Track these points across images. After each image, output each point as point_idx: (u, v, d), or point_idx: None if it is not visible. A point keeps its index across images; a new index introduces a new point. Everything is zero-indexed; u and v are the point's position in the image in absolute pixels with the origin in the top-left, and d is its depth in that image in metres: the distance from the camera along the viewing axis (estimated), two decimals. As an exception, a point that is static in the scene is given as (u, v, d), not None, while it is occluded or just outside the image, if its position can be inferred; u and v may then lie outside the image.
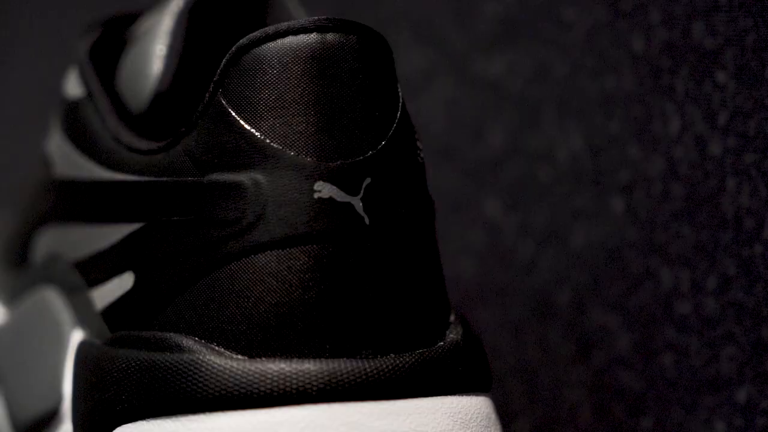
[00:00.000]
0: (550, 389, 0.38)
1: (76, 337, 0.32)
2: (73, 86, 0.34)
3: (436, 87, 0.41)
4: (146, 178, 0.29)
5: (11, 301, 0.37)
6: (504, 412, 0.35)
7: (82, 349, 0.31)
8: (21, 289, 0.37)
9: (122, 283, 0.29)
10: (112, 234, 0.30)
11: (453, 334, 0.28)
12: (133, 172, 0.29)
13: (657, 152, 0.34)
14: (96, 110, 0.32)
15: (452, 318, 0.29)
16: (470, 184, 0.40)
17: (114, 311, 0.30)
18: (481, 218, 0.40)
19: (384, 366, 0.27)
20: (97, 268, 0.31)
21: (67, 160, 0.33)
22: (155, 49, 0.32)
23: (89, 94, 0.32)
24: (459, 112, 0.40)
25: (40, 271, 0.35)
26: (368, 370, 0.27)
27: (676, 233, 0.34)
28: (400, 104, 0.28)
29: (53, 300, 0.33)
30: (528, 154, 0.38)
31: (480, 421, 0.28)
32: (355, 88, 0.27)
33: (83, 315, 0.32)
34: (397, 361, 0.27)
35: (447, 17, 0.40)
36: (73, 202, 0.32)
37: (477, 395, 0.28)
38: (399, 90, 0.29)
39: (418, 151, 0.29)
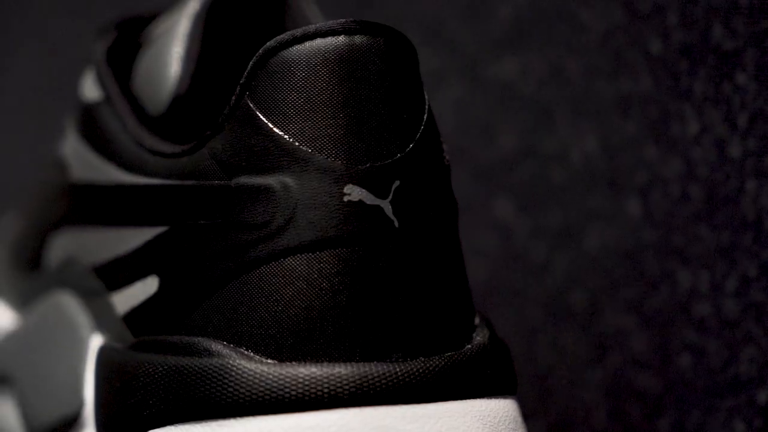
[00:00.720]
0: (563, 391, 0.38)
1: (96, 341, 0.32)
2: (89, 89, 0.33)
3: (448, 88, 0.41)
4: (171, 182, 0.29)
5: (23, 305, 0.37)
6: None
7: (104, 353, 0.30)
8: (33, 293, 0.36)
9: (146, 288, 0.29)
10: (134, 238, 0.30)
11: (479, 337, 0.28)
12: (157, 176, 0.29)
13: (675, 154, 0.34)
14: (115, 113, 0.32)
15: (477, 320, 0.29)
16: (482, 185, 0.40)
17: (137, 315, 0.30)
18: (492, 220, 0.40)
19: (414, 369, 0.27)
20: (118, 272, 0.31)
21: (85, 163, 0.33)
22: (172, 51, 0.32)
23: (107, 97, 0.32)
24: (470, 113, 0.40)
25: (55, 276, 0.35)
26: (399, 373, 0.26)
27: (694, 235, 0.34)
28: (426, 107, 0.28)
29: (69, 304, 0.33)
30: (541, 155, 0.38)
31: (508, 425, 0.28)
32: (382, 90, 0.27)
33: (102, 319, 0.32)
34: (427, 365, 0.27)
35: (458, 19, 0.40)
36: (91, 205, 0.32)
37: (504, 398, 0.28)
38: (425, 92, 0.29)
39: (444, 154, 0.29)
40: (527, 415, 0.39)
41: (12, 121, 0.57)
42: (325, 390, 0.26)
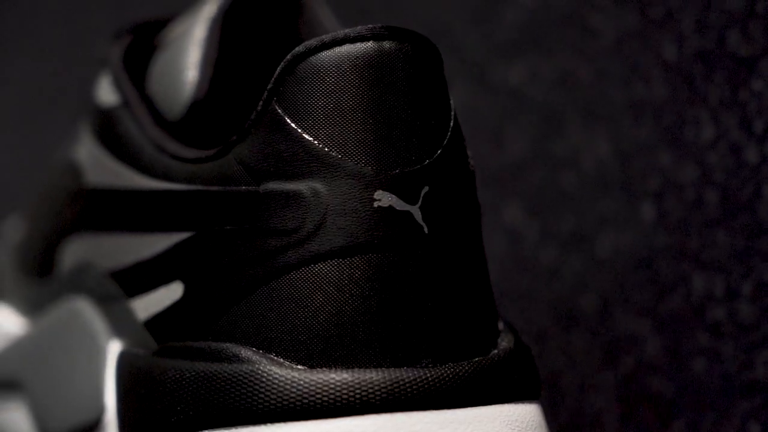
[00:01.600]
0: (574, 395, 0.38)
1: (114, 347, 0.32)
2: (106, 93, 0.33)
3: (455, 93, 0.41)
4: (195, 187, 0.29)
5: (33, 311, 0.37)
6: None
7: (125, 359, 0.30)
8: (44, 299, 0.36)
9: (169, 293, 0.29)
10: (156, 243, 0.30)
11: (505, 342, 0.28)
12: (180, 181, 0.29)
13: (690, 159, 0.34)
14: (133, 118, 0.32)
15: (500, 326, 0.29)
16: (490, 190, 0.40)
17: (160, 321, 0.29)
18: (501, 225, 0.40)
19: (444, 375, 0.27)
20: (137, 278, 0.31)
21: (102, 167, 0.32)
22: (189, 57, 0.32)
23: (125, 102, 0.32)
24: (478, 118, 0.40)
25: (68, 281, 0.34)
26: (430, 379, 0.26)
27: (709, 239, 0.34)
28: (453, 112, 0.28)
29: (85, 310, 0.33)
30: (550, 160, 0.38)
31: (534, 429, 0.28)
32: (411, 96, 0.27)
33: (121, 325, 0.31)
34: (456, 370, 0.27)
35: (466, 23, 0.40)
36: (108, 210, 0.32)
37: (530, 403, 0.28)
38: (450, 98, 0.29)
39: (468, 159, 0.29)
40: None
41: (12, 122, 0.57)
42: (357, 396, 0.26)
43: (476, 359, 0.27)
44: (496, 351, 0.28)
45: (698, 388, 0.34)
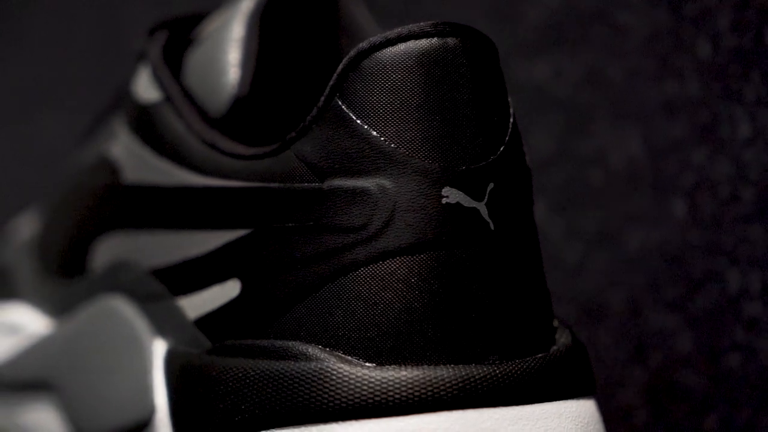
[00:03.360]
0: (602, 390, 0.38)
1: (159, 346, 0.31)
2: (145, 89, 0.33)
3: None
4: (252, 184, 0.29)
5: (60, 312, 0.36)
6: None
7: (176, 358, 0.30)
8: (73, 299, 0.35)
9: (225, 291, 0.29)
10: (208, 241, 0.30)
11: (563, 339, 0.29)
12: (234, 178, 0.29)
13: (724, 156, 0.34)
14: (177, 114, 0.31)
15: (555, 322, 0.29)
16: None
17: (215, 320, 0.29)
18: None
19: (511, 371, 0.27)
20: (186, 276, 0.30)
21: (143, 165, 0.32)
22: (230, 56, 0.32)
23: (167, 98, 0.32)
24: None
25: (101, 280, 0.34)
26: (498, 375, 0.26)
27: (744, 236, 0.34)
28: (512, 109, 0.28)
29: (123, 309, 0.33)
30: (576, 158, 0.38)
31: (595, 425, 0.28)
32: (475, 92, 0.27)
33: (166, 324, 0.31)
34: (522, 366, 0.27)
35: (488, 20, 0.40)
36: (151, 207, 0.32)
37: (588, 399, 0.28)
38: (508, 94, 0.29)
39: (525, 156, 0.29)
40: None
41: (14, 122, 0.57)
42: (429, 393, 0.26)
43: (539, 356, 0.27)
44: (555, 347, 0.28)
45: (732, 383, 0.35)
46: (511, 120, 0.28)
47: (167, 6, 0.54)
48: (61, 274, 0.37)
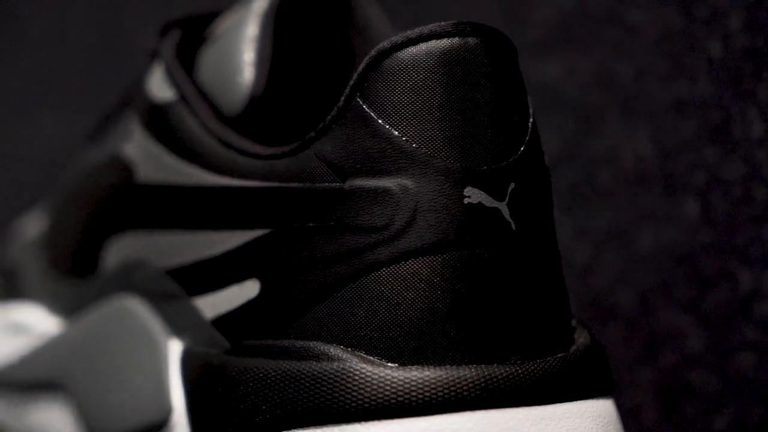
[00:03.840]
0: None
1: (175, 346, 0.31)
2: (159, 88, 0.33)
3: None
4: (271, 184, 0.28)
5: (71, 311, 0.36)
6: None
7: (193, 358, 0.30)
8: (84, 299, 0.35)
9: (243, 291, 0.29)
10: (225, 241, 0.30)
11: (582, 339, 0.29)
12: (252, 178, 0.29)
13: (737, 156, 0.35)
14: (192, 113, 0.31)
15: (573, 321, 0.29)
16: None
17: (233, 320, 0.29)
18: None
19: (532, 371, 0.27)
20: (203, 276, 0.30)
21: (158, 164, 0.32)
22: (244, 56, 0.31)
23: (182, 97, 0.32)
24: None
25: (114, 280, 0.34)
26: (520, 375, 0.26)
27: (757, 236, 0.34)
28: (531, 109, 0.28)
29: (137, 309, 0.32)
30: (586, 157, 0.38)
31: (614, 425, 0.28)
32: (496, 92, 0.27)
33: (181, 323, 0.31)
34: (544, 366, 0.27)
35: (498, 19, 0.40)
36: (166, 207, 0.32)
37: (608, 398, 0.28)
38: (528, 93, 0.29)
39: (544, 156, 0.29)
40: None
41: (14, 122, 0.56)
42: (452, 393, 0.26)
43: (559, 355, 0.28)
44: (575, 347, 0.28)
45: (744, 382, 0.35)
46: (531, 120, 0.28)
47: (168, 6, 0.54)
48: (71, 273, 0.37)
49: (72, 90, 0.57)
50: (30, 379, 0.36)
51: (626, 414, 0.38)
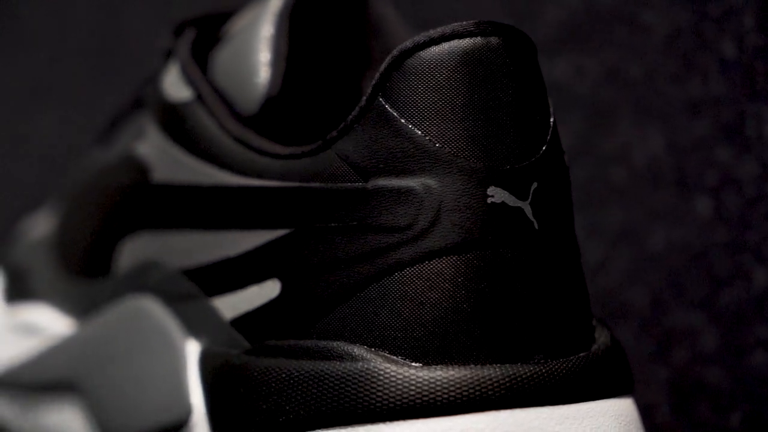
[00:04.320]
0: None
1: (192, 346, 0.31)
2: (175, 88, 0.33)
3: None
4: (291, 184, 0.28)
5: (83, 312, 0.36)
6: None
7: (212, 358, 0.30)
8: (98, 299, 0.35)
9: (263, 292, 0.29)
10: (244, 241, 0.29)
11: (603, 337, 0.29)
12: (273, 178, 0.29)
13: (750, 155, 0.35)
14: (209, 113, 0.31)
15: (594, 320, 0.30)
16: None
17: (253, 320, 0.29)
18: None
19: (556, 370, 0.27)
20: (222, 276, 0.30)
21: (174, 164, 0.32)
22: (260, 56, 0.31)
23: (198, 96, 0.32)
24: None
25: (128, 280, 0.34)
26: (544, 374, 0.27)
27: (770, 234, 0.34)
28: (551, 108, 0.28)
29: (153, 309, 0.32)
30: (597, 156, 0.38)
31: (635, 423, 0.28)
32: (518, 91, 0.27)
33: (199, 324, 0.31)
34: (567, 365, 0.27)
35: (508, 19, 0.40)
36: (183, 207, 0.32)
37: (628, 397, 0.28)
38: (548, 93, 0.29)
39: (564, 155, 0.29)
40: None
41: (14, 122, 0.56)
42: (477, 392, 0.26)
43: (581, 354, 0.28)
44: (596, 346, 0.28)
45: (758, 381, 0.35)
46: (552, 119, 0.28)
47: (168, 6, 0.54)
48: (83, 274, 0.36)
49: (72, 90, 0.57)
50: (41, 380, 0.36)
51: (639, 412, 0.38)
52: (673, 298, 0.37)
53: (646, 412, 0.38)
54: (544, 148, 0.28)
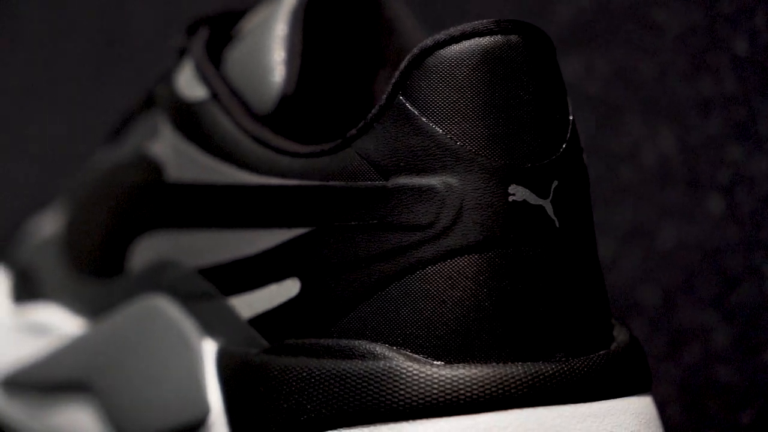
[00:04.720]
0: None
1: (209, 345, 0.31)
2: (189, 86, 0.32)
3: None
4: (311, 182, 0.28)
5: (97, 313, 0.36)
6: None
7: (230, 357, 0.30)
8: (110, 299, 0.35)
9: (282, 290, 0.29)
10: (262, 240, 0.29)
11: (621, 336, 0.29)
12: (291, 176, 0.29)
13: (762, 153, 0.35)
14: (225, 111, 0.31)
15: (612, 319, 0.30)
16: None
17: (272, 319, 0.29)
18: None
19: (577, 368, 0.27)
20: (239, 275, 0.30)
21: (190, 163, 0.32)
22: (274, 55, 0.31)
23: (214, 95, 0.32)
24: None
25: (141, 280, 0.34)
26: (565, 372, 0.27)
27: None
28: (570, 106, 0.28)
29: (168, 308, 0.32)
30: (607, 154, 0.39)
31: (655, 421, 0.28)
32: (538, 90, 0.27)
33: (215, 323, 0.31)
34: (588, 363, 0.27)
35: (521, 17, 0.40)
36: (199, 206, 0.31)
37: (647, 395, 0.29)
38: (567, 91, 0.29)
39: (582, 153, 0.29)
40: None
41: (14, 122, 0.56)
42: (499, 390, 0.26)
43: (602, 352, 0.28)
44: (615, 344, 0.28)
45: (770, 378, 0.35)
46: (571, 117, 0.28)
47: (168, 6, 0.54)
48: (95, 274, 0.36)
49: (72, 90, 0.57)
50: (53, 380, 0.36)
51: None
52: (685, 297, 0.37)
53: (658, 410, 0.38)
54: (564, 146, 0.28)
